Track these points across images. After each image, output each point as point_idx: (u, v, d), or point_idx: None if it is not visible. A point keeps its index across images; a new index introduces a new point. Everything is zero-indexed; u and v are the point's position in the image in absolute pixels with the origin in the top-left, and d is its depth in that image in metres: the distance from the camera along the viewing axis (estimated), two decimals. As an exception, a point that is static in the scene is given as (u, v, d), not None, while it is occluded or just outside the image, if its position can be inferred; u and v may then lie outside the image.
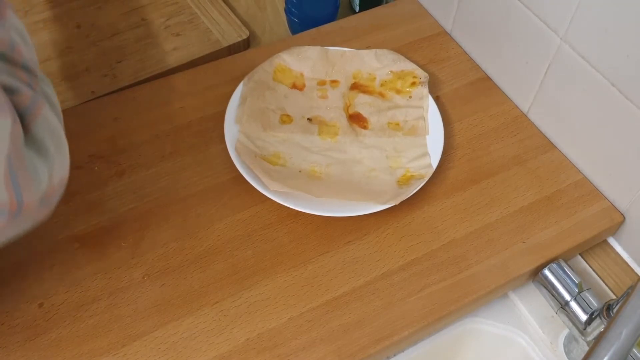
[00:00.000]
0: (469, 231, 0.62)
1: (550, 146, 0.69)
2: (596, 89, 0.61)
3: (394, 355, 0.59)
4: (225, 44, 0.79)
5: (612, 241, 0.66)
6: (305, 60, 0.72)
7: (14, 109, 0.40)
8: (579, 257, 0.65)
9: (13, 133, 0.39)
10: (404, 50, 0.76)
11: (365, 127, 0.69)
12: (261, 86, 0.70)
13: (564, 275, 0.58)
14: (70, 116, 0.69)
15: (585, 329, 0.57)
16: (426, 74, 0.71)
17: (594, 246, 0.65)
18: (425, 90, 0.70)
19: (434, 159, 0.65)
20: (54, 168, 0.43)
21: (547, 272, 0.59)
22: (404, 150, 0.66)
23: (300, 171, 0.64)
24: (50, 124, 0.44)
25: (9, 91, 0.42)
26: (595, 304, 0.57)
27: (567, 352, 0.60)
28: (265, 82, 0.70)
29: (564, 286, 0.58)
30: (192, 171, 0.65)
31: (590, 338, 0.57)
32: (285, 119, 0.68)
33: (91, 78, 0.75)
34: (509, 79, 0.73)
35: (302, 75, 0.72)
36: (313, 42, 0.76)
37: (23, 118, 0.41)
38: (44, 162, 0.42)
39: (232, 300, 0.56)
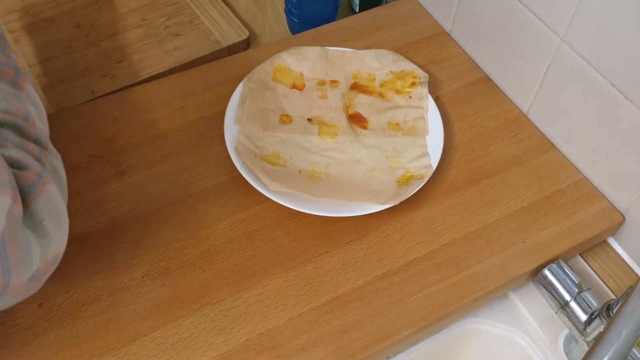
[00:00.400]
0: (468, 231, 0.62)
1: (550, 146, 0.69)
2: (596, 89, 0.61)
3: (394, 356, 0.59)
4: (225, 44, 0.79)
5: (612, 241, 0.66)
6: (305, 60, 0.72)
7: (16, 188, 0.39)
8: (579, 257, 0.65)
9: (11, 213, 0.38)
10: (404, 51, 0.76)
11: (365, 127, 0.69)
12: (261, 86, 0.70)
13: (563, 276, 0.58)
14: (70, 116, 0.69)
15: (585, 329, 0.57)
16: (426, 74, 0.71)
17: (594, 246, 0.65)
18: (425, 90, 0.70)
19: (434, 159, 0.65)
20: (50, 246, 0.42)
21: (547, 272, 0.59)
22: (403, 151, 0.66)
23: (300, 171, 0.64)
24: (53, 201, 0.43)
25: (18, 166, 0.41)
26: (595, 304, 0.57)
27: (567, 352, 0.60)
28: (265, 82, 0.70)
29: (563, 286, 0.58)
30: (191, 171, 0.65)
31: (590, 338, 0.57)
32: (285, 119, 0.68)
33: (91, 78, 0.75)
34: (509, 79, 0.73)
35: (302, 75, 0.72)
36: (313, 42, 0.76)
37: (26, 195, 0.41)
38: (40, 242, 0.41)
39: (231, 300, 0.56)
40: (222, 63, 0.75)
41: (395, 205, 0.60)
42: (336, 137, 0.67)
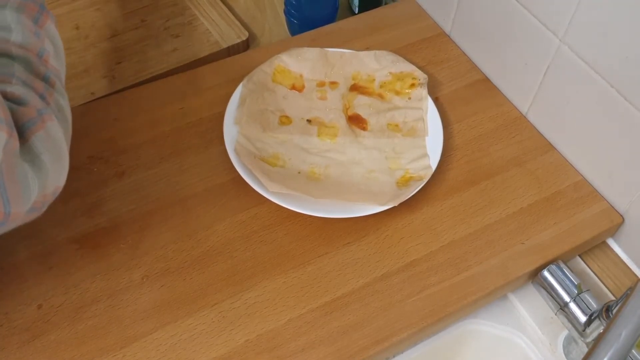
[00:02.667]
0: (468, 232, 0.62)
1: (549, 147, 0.69)
2: (595, 90, 0.61)
3: (394, 357, 0.59)
4: (224, 45, 0.80)
5: (611, 242, 0.66)
6: (304, 61, 0.72)
7: (12, 123, 0.40)
8: (578, 258, 0.65)
9: (7, 147, 0.39)
10: (403, 52, 0.76)
11: (364, 129, 0.69)
12: (260, 87, 0.70)
13: (563, 277, 0.58)
14: (69, 117, 0.69)
15: (584, 330, 0.57)
16: (425, 76, 0.71)
17: (593, 247, 0.65)
18: (424, 91, 0.70)
19: (433, 160, 0.65)
20: (48, 180, 0.44)
21: (546, 273, 0.59)
22: (403, 152, 0.66)
23: (299, 172, 0.64)
24: (52, 137, 0.44)
25: (18, 101, 0.42)
26: (594, 305, 0.57)
27: (567, 354, 0.60)
28: (265, 83, 0.70)
29: (563, 287, 0.58)
30: (191, 172, 0.65)
31: (589, 339, 0.57)
32: (285, 120, 0.68)
33: (91, 79, 0.75)
34: (508, 80, 0.73)
35: (301, 76, 0.72)
36: (312, 44, 0.76)
37: (24, 130, 0.42)
38: (37, 175, 0.43)
39: (231, 301, 0.56)
40: (221, 64, 0.75)
41: (395, 207, 0.60)
42: (335, 138, 0.67)
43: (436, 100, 0.72)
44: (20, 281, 0.57)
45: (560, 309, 0.58)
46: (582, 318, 0.56)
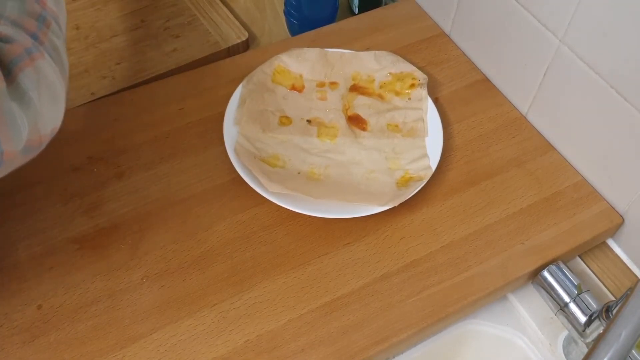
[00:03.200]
0: (468, 233, 0.62)
1: (549, 148, 0.69)
2: (595, 90, 0.61)
3: (393, 357, 0.59)
4: (224, 45, 0.79)
5: (611, 243, 0.66)
6: (304, 61, 0.72)
7: None
8: (578, 258, 0.65)
9: None
10: (403, 52, 0.76)
11: (364, 129, 0.69)
12: (260, 88, 0.70)
13: (563, 277, 0.58)
14: (69, 117, 0.68)
15: (584, 331, 0.57)
16: (425, 76, 0.71)
17: (593, 248, 0.65)
18: (424, 91, 0.70)
19: (433, 161, 0.65)
20: (40, 119, 0.43)
21: (546, 273, 0.59)
22: (403, 152, 0.66)
23: (299, 173, 0.64)
24: (43, 75, 0.44)
25: (3, 40, 0.42)
26: (594, 305, 0.57)
27: (567, 354, 0.60)
28: (265, 83, 0.70)
29: (563, 288, 0.58)
30: (191, 173, 0.65)
31: (589, 340, 0.57)
32: (285, 121, 0.68)
33: (90, 79, 0.75)
34: (508, 80, 0.73)
35: (301, 76, 0.72)
36: (312, 44, 0.76)
37: (11, 67, 0.42)
38: (25, 113, 0.42)
39: (231, 302, 0.56)
40: (221, 64, 0.75)
41: (395, 207, 0.60)
42: (335, 138, 0.68)
43: (436, 101, 0.72)
44: (20, 281, 0.57)
45: (560, 309, 0.58)
46: (582, 318, 0.56)
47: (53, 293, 0.56)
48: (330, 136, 0.68)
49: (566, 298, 0.57)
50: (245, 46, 0.81)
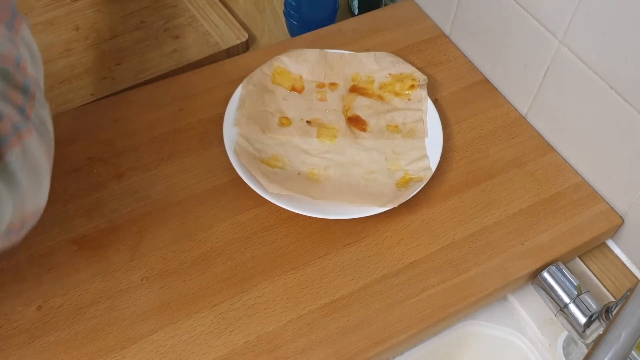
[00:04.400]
0: (467, 234, 0.62)
1: (548, 149, 0.69)
2: (595, 91, 0.61)
3: (393, 358, 0.59)
4: (224, 46, 0.79)
5: (610, 244, 0.66)
6: (304, 62, 0.72)
7: None
8: (578, 259, 0.65)
9: None
10: (403, 53, 0.76)
11: (364, 130, 0.69)
12: (260, 89, 0.70)
13: (562, 278, 0.58)
14: (69, 118, 0.69)
15: (584, 332, 0.57)
16: (425, 77, 0.71)
17: (593, 249, 0.65)
18: (424, 92, 0.70)
19: (433, 162, 0.65)
20: (25, 200, 0.41)
21: (546, 274, 0.59)
22: (402, 153, 0.66)
23: (299, 174, 0.64)
24: (30, 154, 0.41)
25: None
26: (594, 306, 0.57)
27: (566, 355, 0.60)
28: (264, 84, 0.70)
29: (563, 289, 0.58)
30: (190, 174, 0.65)
31: (589, 341, 0.57)
32: (284, 122, 0.68)
33: (90, 80, 0.75)
34: (508, 81, 0.73)
35: (301, 77, 0.72)
36: (312, 45, 0.76)
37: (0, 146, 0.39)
38: (11, 194, 0.40)
39: (230, 302, 0.56)
40: (221, 65, 0.75)
41: (394, 208, 0.60)
42: (335, 139, 0.67)
43: (436, 102, 0.72)
44: (19, 282, 0.57)
45: (560, 310, 0.58)
46: (582, 319, 0.56)
47: (53, 294, 0.56)
48: (330, 137, 0.68)
49: (566, 299, 0.57)
50: (245, 47, 0.81)
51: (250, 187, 0.61)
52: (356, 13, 0.87)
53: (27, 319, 0.55)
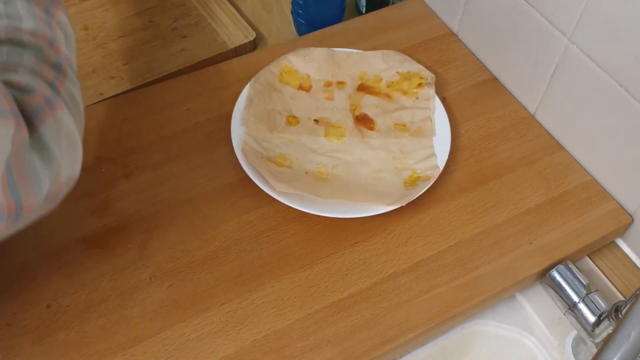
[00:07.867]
0: (475, 232, 0.61)
1: (557, 147, 0.69)
2: (604, 89, 0.60)
3: (401, 357, 0.59)
4: (231, 45, 0.80)
5: (620, 242, 0.65)
6: (311, 61, 0.72)
7: (19, 114, 0.40)
8: (587, 258, 0.65)
9: (15, 138, 0.38)
10: (410, 52, 0.76)
11: (371, 129, 0.69)
12: (267, 88, 0.70)
13: (571, 277, 0.58)
14: (77, 118, 0.69)
15: (593, 331, 0.56)
16: (432, 75, 0.71)
17: (602, 247, 0.65)
18: (431, 91, 0.70)
19: (441, 160, 0.64)
20: (60, 170, 0.43)
21: (554, 273, 0.59)
22: (410, 152, 0.66)
23: (306, 173, 0.64)
24: (63, 126, 0.44)
25: (24, 90, 0.42)
26: (603, 305, 0.56)
27: (575, 354, 0.60)
28: (272, 83, 0.70)
29: (571, 288, 0.58)
30: (199, 173, 0.65)
31: (598, 340, 0.57)
32: (292, 121, 0.69)
33: (98, 80, 0.76)
34: (516, 80, 0.72)
35: (308, 76, 0.72)
36: (319, 44, 0.76)
37: (32, 119, 0.41)
38: (47, 166, 0.42)
39: (238, 301, 0.56)
40: (228, 64, 0.75)
41: (402, 207, 0.60)
42: (342, 138, 0.67)
43: (443, 100, 0.72)
44: (29, 281, 0.57)
45: (569, 309, 0.58)
46: (591, 318, 0.56)
47: (62, 292, 0.56)
48: (338, 136, 0.68)
49: (575, 298, 0.57)
50: (252, 46, 0.81)
51: (257, 186, 0.61)
52: (363, 12, 0.86)
53: (36, 318, 0.55)
